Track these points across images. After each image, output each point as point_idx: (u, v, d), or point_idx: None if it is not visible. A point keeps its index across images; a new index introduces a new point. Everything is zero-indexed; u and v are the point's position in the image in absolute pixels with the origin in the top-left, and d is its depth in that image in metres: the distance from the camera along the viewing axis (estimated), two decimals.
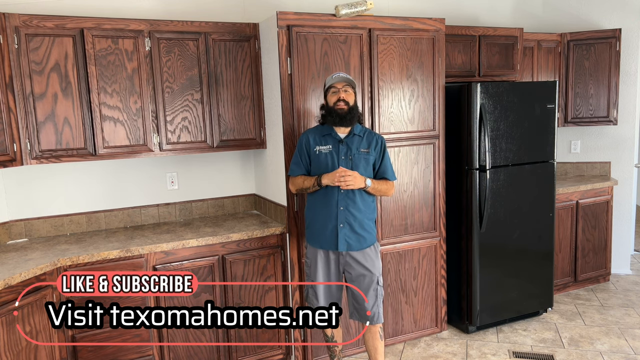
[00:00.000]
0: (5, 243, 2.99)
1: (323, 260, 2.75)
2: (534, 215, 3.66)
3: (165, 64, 2.98)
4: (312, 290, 2.79)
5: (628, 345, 3.38)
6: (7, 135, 2.63)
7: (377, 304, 2.75)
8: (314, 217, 2.75)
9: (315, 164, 2.72)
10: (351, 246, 2.69)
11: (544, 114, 3.59)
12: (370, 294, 2.73)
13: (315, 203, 2.74)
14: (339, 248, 2.68)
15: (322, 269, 2.76)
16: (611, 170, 4.61)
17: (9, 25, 2.62)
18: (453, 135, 3.49)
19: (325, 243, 2.71)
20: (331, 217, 2.68)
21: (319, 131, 2.75)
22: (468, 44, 3.84)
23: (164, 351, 2.88)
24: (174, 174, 3.42)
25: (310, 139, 2.73)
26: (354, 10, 2.96)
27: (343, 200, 2.66)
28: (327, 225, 2.69)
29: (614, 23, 4.44)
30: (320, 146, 2.70)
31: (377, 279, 2.74)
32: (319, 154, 2.70)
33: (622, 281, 4.53)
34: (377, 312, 2.76)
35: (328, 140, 2.70)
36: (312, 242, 2.78)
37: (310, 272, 2.79)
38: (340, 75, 2.68)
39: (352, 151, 2.68)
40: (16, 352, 2.35)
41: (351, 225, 2.68)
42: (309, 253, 2.81)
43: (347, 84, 2.66)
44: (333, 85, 2.66)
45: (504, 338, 3.55)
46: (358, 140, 2.71)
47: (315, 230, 2.75)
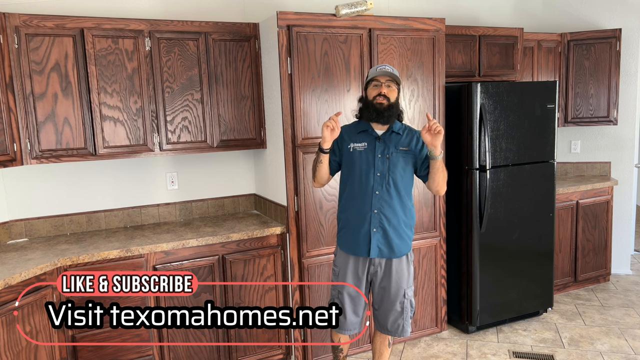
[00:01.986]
0: (5, 243, 2.99)
1: (353, 268, 2.54)
2: (534, 215, 3.66)
3: (165, 64, 2.98)
4: (339, 301, 2.57)
5: (628, 345, 3.38)
6: (7, 135, 2.63)
7: (402, 317, 2.57)
8: (345, 220, 2.55)
9: (348, 163, 2.53)
10: (383, 252, 2.49)
11: (544, 114, 3.59)
12: (396, 307, 2.55)
13: (347, 205, 2.55)
14: (371, 254, 2.48)
15: (352, 277, 2.54)
16: (611, 170, 4.61)
17: (9, 25, 2.62)
18: (453, 135, 3.49)
19: (357, 249, 2.51)
20: (364, 221, 2.47)
21: (355, 127, 2.55)
22: (468, 44, 3.84)
23: (164, 351, 2.88)
24: (174, 174, 3.42)
25: (345, 134, 2.53)
26: (354, 10, 2.96)
27: (378, 202, 2.46)
28: (359, 229, 2.49)
29: (614, 23, 4.44)
30: (355, 143, 2.50)
31: (404, 292, 2.54)
32: (353, 152, 2.49)
33: (622, 281, 4.53)
34: (402, 325, 2.58)
35: (364, 137, 2.49)
36: (343, 247, 2.57)
37: (338, 281, 2.58)
38: (386, 69, 2.45)
39: (389, 149, 2.47)
40: (16, 352, 2.35)
41: (385, 230, 2.47)
42: (338, 260, 2.61)
43: (391, 79, 2.44)
44: (375, 79, 2.45)
45: (504, 338, 3.55)
46: (397, 137, 2.50)
47: (346, 234, 2.55)
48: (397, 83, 2.48)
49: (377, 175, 2.47)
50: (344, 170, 2.57)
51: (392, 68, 2.49)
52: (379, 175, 2.48)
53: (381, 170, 2.48)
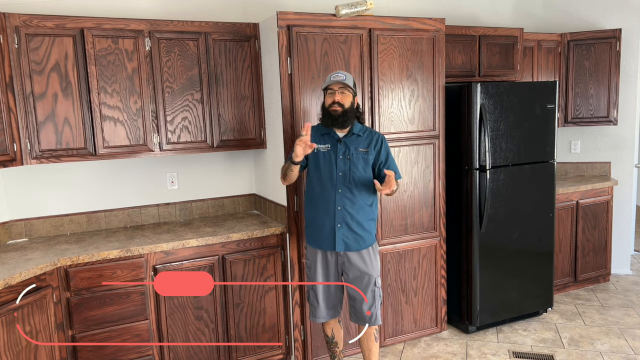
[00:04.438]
0: (5, 243, 2.99)
1: (322, 261, 2.74)
2: (534, 215, 3.66)
3: (165, 64, 2.98)
4: (313, 292, 2.79)
5: (628, 346, 3.38)
6: (7, 135, 2.63)
7: (375, 305, 2.74)
8: (312, 217, 2.74)
9: (313, 163, 2.71)
10: (349, 246, 2.68)
11: (544, 114, 3.59)
12: (368, 295, 2.72)
13: (312, 202, 2.73)
14: (337, 248, 2.67)
15: (322, 270, 2.75)
16: (611, 170, 4.61)
17: (9, 25, 2.62)
18: (453, 135, 3.49)
19: (323, 243, 2.70)
20: (329, 217, 2.66)
21: (319, 130, 2.73)
22: (468, 44, 3.84)
23: (164, 351, 2.88)
24: (174, 174, 3.42)
25: (311, 137, 2.68)
26: (354, 10, 2.96)
27: (340, 199, 2.64)
28: (324, 225, 2.67)
29: (614, 23, 4.44)
30: (319, 145, 2.68)
31: (374, 281, 2.72)
32: (318, 153, 2.68)
33: (622, 281, 4.53)
34: (375, 313, 2.75)
35: (327, 139, 2.69)
36: (311, 243, 2.77)
37: (310, 273, 2.79)
38: (339, 76, 2.61)
39: (350, 151, 2.66)
40: (16, 352, 2.35)
41: (349, 225, 2.65)
42: (308, 254, 2.81)
43: (343, 86, 2.60)
44: (329, 87, 2.63)
45: (504, 338, 3.55)
46: (357, 139, 2.69)
47: (313, 230, 2.73)
48: (352, 87, 2.62)
49: (339, 174, 2.65)
50: (310, 169, 2.73)
51: (345, 75, 2.62)
52: (341, 174, 2.65)
53: (343, 169, 2.65)
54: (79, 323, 2.65)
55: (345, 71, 2.97)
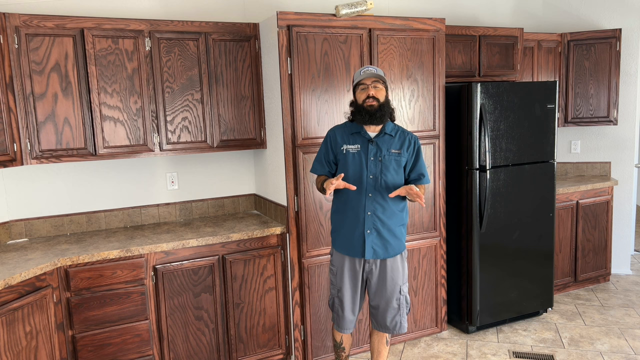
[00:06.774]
0: (5, 243, 2.99)
1: (349, 268, 2.60)
2: (534, 215, 3.66)
3: (165, 64, 2.98)
4: (338, 300, 2.65)
5: (628, 346, 3.38)
6: (7, 135, 2.63)
7: (399, 313, 2.62)
8: (340, 222, 2.60)
9: (341, 164, 2.55)
10: (377, 253, 2.53)
11: (544, 114, 3.59)
12: (393, 304, 2.60)
13: (340, 207, 2.59)
14: (366, 256, 2.53)
15: (349, 277, 2.60)
16: (611, 170, 4.61)
17: (9, 25, 2.62)
18: (453, 135, 3.49)
19: (351, 250, 2.55)
20: (358, 223, 2.51)
21: (348, 129, 2.57)
22: (468, 44, 3.84)
23: (164, 351, 2.88)
24: (174, 174, 3.42)
25: (338, 136, 2.57)
26: (354, 10, 2.96)
27: (371, 204, 2.49)
28: (353, 231, 2.53)
29: (614, 23, 4.44)
30: (348, 145, 2.53)
31: (399, 289, 2.59)
32: (347, 154, 2.53)
33: (622, 281, 4.53)
34: (399, 321, 2.62)
35: (357, 139, 2.53)
36: (338, 248, 2.62)
37: (336, 280, 2.64)
38: (370, 70, 2.49)
39: (382, 152, 2.51)
40: (16, 352, 2.35)
41: (379, 231, 2.51)
42: (334, 259, 2.66)
43: (376, 79, 2.47)
44: (362, 82, 2.49)
45: (504, 338, 3.55)
46: (389, 140, 2.54)
47: (341, 236, 2.59)
48: (383, 81, 2.50)
49: (370, 177, 2.51)
50: (339, 171, 2.59)
51: (375, 68, 2.52)
52: (371, 177, 2.51)
53: (374, 172, 2.51)
54: (79, 323, 2.65)
55: (345, 71, 2.97)
